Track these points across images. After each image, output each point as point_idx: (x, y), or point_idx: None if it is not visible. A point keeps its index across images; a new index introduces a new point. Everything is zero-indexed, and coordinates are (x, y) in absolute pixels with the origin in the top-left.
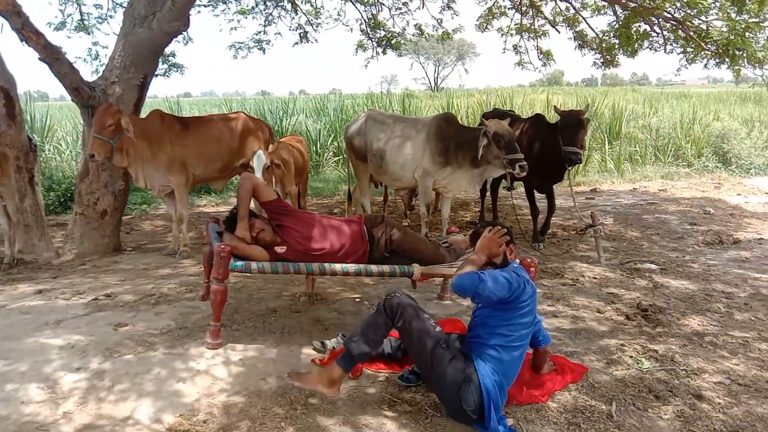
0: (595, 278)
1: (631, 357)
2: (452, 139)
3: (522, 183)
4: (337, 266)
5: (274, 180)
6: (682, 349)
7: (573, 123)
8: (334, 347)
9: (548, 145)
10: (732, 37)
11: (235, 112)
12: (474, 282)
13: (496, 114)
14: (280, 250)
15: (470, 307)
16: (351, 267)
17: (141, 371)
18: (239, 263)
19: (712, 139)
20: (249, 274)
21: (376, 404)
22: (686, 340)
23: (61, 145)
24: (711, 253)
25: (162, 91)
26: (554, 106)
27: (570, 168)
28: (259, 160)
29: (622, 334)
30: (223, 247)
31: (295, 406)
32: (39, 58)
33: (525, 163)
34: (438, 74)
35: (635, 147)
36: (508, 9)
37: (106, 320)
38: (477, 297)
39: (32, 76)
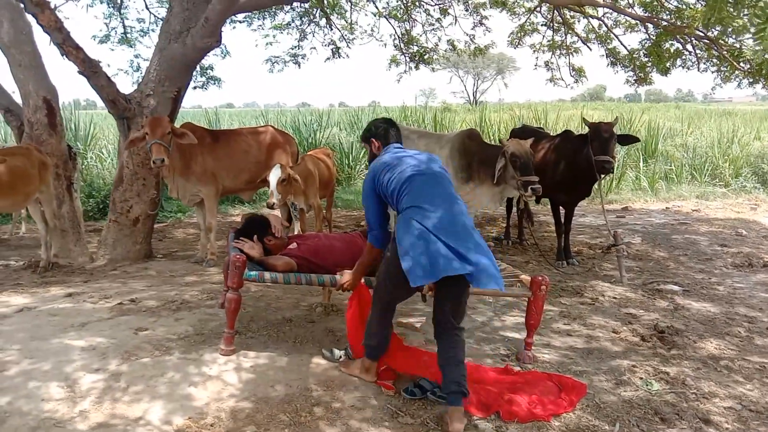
0: (615, 298)
1: (641, 378)
2: (475, 155)
3: (549, 200)
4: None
5: (292, 194)
6: (695, 372)
7: (604, 133)
8: (340, 357)
9: (577, 160)
10: (767, 56)
11: (263, 126)
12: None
13: (525, 131)
14: (292, 246)
15: (485, 323)
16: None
17: (156, 374)
18: (253, 272)
19: (752, 158)
20: (270, 284)
21: (379, 415)
22: (700, 364)
23: (102, 153)
24: (739, 275)
25: (207, 102)
26: (583, 118)
27: (602, 177)
28: (274, 174)
29: (635, 355)
30: (238, 257)
31: (300, 413)
32: (78, 71)
33: (538, 186)
34: (477, 88)
35: (671, 165)
36: (540, 26)
37: (128, 324)
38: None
39: (81, 85)
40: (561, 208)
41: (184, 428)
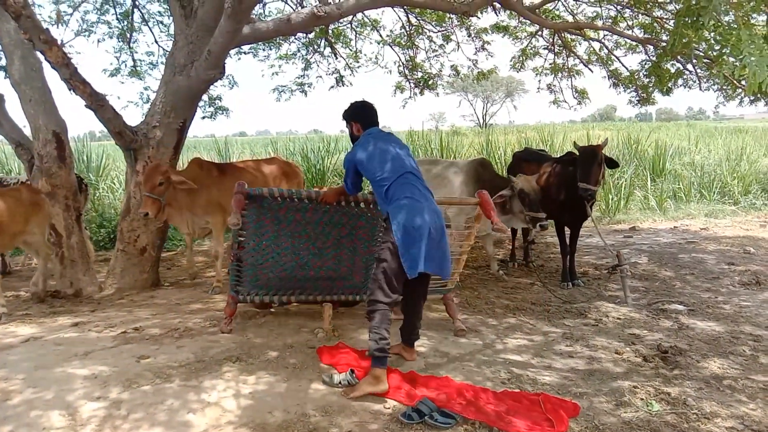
0: (618, 319)
1: (642, 399)
2: (487, 182)
3: (553, 221)
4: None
5: None
6: (697, 393)
7: (586, 158)
8: (340, 382)
9: (574, 182)
10: None
11: (271, 158)
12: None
13: (528, 153)
14: None
15: (487, 345)
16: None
17: (156, 402)
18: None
19: (761, 175)
20: (272, 311)
21: None
22: (703, 383)
23: (114, 183)
24: (746, 294)
25: (220, 131)
26: (574, 142)
27: (589, 204)
28: None
29: (637, 376)
30: (240, 184)
31: None
32: (85, 105)
33: (546, 223)
34: (486, 111)
35: (679, 184)
36: (542, 49)
37: (131, 352)
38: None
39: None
40: (567, 229)
41: None
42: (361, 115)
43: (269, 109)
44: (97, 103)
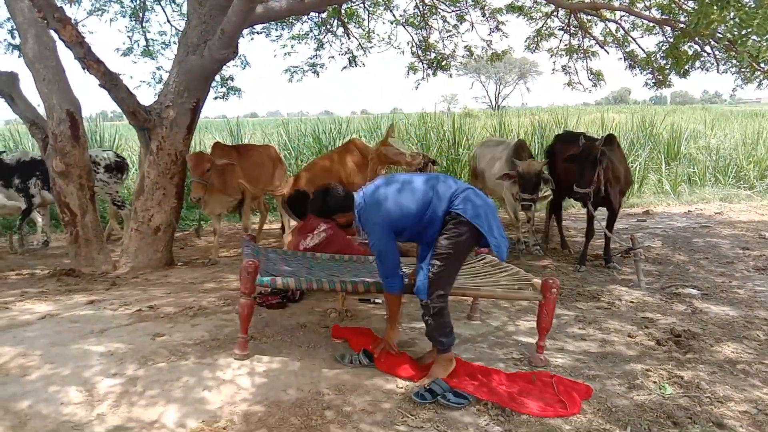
0: (632, 302)
1: (655, 382)
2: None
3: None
4: (360, 284)
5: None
6: (710, 376)
7: (580, 159)
8: (352, 361)
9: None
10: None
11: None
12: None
13: (568, 136)
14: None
15: (499, 327)
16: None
17: (171, 379)
18: (266, 278)
19: None
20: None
21: (390, 419)
22: (716, 367)
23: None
24: (760, 279)
25: (231, 112)
26: (583, 135)
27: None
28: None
29: (650, 359)
30: (250, 262)
31: (311, 417)
32: (99, 84)
33: (529, 203)
34: (499, 93)
35: (694, 168)
36: (557, 30)
37: (146, 330)
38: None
39: (109, 97)
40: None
41: (198, 431)
42: (340, 202)
43: (280, 89)
44: (110, 82)
